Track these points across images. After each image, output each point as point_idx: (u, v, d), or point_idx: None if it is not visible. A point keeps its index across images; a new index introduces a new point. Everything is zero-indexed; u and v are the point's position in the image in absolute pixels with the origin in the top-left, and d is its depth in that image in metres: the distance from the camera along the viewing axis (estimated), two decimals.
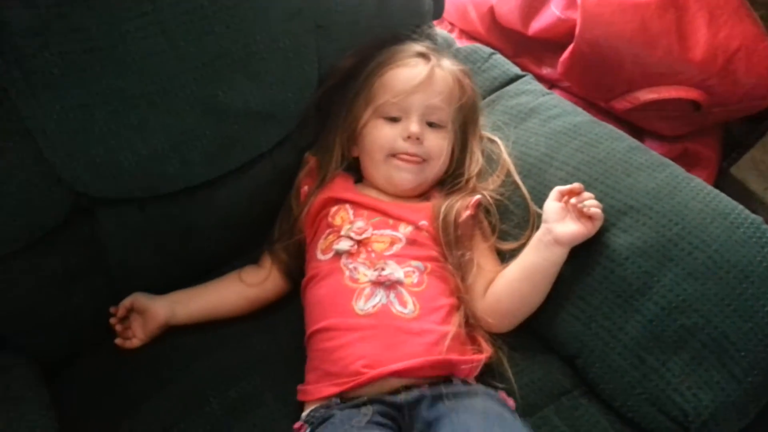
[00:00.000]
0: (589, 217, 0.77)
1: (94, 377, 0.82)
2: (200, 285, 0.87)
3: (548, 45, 1.30)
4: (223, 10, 0.74)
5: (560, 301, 0.80)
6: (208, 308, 0.85)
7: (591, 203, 0.78)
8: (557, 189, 0.80)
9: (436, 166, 0.87)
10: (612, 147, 0.86)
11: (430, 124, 0.86)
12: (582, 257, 0.79)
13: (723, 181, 1.38)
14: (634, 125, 1.30)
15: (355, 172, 0.91)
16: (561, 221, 0.78)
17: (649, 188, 0.81)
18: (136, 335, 0.83)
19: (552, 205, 0.80)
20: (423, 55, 0.88)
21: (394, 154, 0.85)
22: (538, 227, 0.82)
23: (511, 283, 0.80)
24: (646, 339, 0.74)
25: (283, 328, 0.85)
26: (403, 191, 0.86)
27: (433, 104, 0.85)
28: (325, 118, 0.91)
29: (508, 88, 1.01)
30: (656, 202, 0.79)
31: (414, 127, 0.84)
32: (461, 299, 0.80)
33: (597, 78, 1.22)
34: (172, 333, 0.84)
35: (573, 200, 0.78)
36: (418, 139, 0.84)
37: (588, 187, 0.82)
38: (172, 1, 0.71)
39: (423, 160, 0.85)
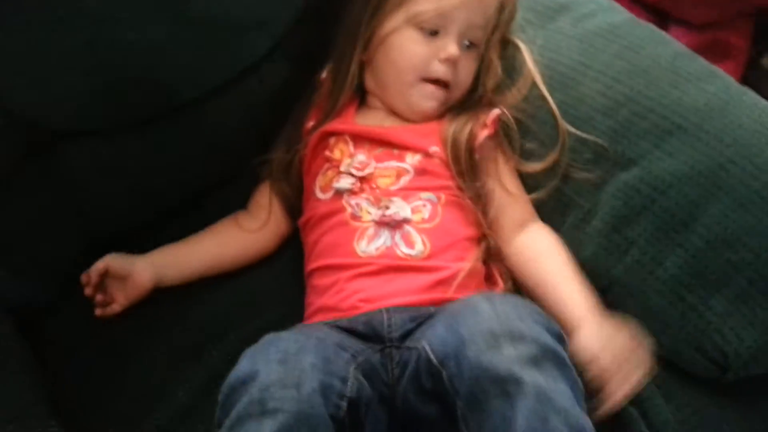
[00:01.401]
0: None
1: (78, 330, 0.74)
2: (190, 240, 0.75)
3: None
4: None
5: (590, 230, 0.72)
6: (203, 269, 0.75)
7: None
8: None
9: (461, 92, 0.76)
10: (656, 53, 0.75)
11: (465, 44, 0.75)
12: (618, 183, 0.71)
13: (753, 74, 1.28)
14: (660, 11, 1.17)
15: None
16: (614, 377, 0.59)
17: (700, 104, 0.71)
18: (117, 300, 0.72)
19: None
20: None
21: (424, 78, 0.74)
22: (566, 147, 0.73)
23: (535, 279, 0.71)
24: (687, 276, 0.67)
25: (282, 266, 0.78)
26: (423, 119, 0.76)
27: (475, 23, 0.73)
28: (323, 23, 0.78)
29: None
30: (706, 121, 0.69)
31: (454, 48, 0.72)
32: (485, 233, 0.73)
33: None
34: None
35: None
36: (455, 62, 0.73)
37: (629, 102, 0.72)
38: None
39: (449, 87, 0.75)
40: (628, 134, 0.72)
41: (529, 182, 0.76)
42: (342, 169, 0.72)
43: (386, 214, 0.69)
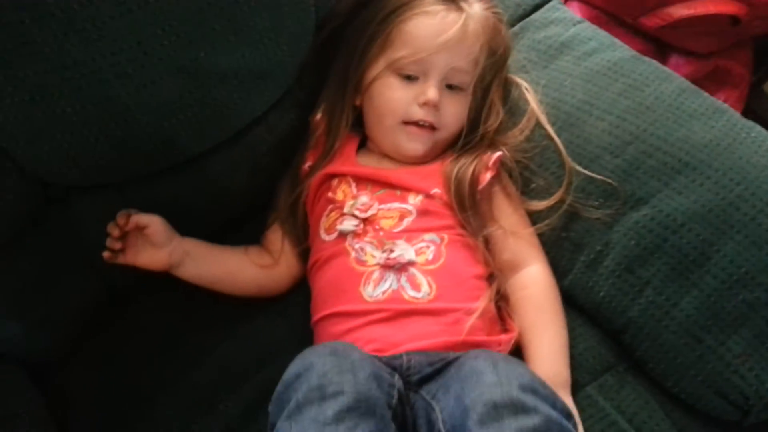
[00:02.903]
0: None
1: (92, 379, 0.74)
2: (218, 247, 0.76)
3: None
4: None
5: (603, 271, 0.71)
6: (219, 276, 0.75)
7: None
8: None
9: (449, 133, 0.76)
10: (660, 90, 0.75)
11: (450, 86, 0.75)
12: (629, 223, 0.70)
13: (756, 100, 1.28)
14: (663, 42, 1.18)
15: (360, 126, 0.79)
16: None
17: (706, 140, 0.70)
18: (126, 255, 0.70)
19: None
20: (452, 0, 0.74)
21: (406, 121, 0.74)
22: (573, 185, 0.72)
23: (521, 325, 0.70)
24: (703, 317, 0.66)
25: (294, 310, 0.77)
26: (412, 160, 0.76)
27: (458, 66, 0.74)
28: (326, 69, 0.78)
29: (533, 16, 0.87)
30: (715, 158, 0.69)
31: (432, 93, 0.73)
32: (493, 271, 0.72)
33: None
34: (172, 324, 0.76)
35: None
36: (435, 106, 0.73)
37: (636, 140, 0.71)
38: None
39: (435, 129, 0.75)
40: (636, 173, 0.71)
41: (536, 220, 0.75)
42: (345, 210, 0.72)
43: (391, 257, 0.69)
